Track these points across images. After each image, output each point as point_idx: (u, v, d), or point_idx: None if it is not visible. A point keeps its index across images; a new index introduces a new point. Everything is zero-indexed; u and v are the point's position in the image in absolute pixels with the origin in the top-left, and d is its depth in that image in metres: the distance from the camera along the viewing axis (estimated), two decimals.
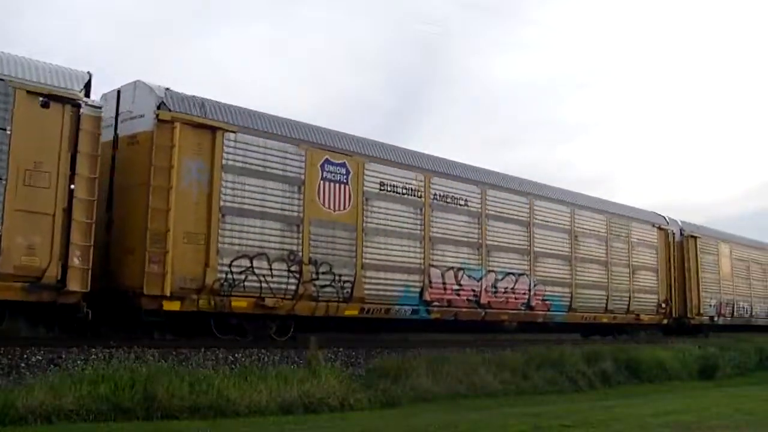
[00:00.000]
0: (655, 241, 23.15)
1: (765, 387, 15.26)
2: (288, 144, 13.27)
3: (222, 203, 12.17)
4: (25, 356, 9.93)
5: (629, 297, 21.43)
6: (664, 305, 23.17)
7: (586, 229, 20.21)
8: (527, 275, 17.96)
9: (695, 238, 25.28)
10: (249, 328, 12.85)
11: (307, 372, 10.84)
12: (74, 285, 10.32)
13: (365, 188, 14.46)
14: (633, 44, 74.10)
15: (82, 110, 10.68)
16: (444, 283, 15.77)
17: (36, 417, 7.81)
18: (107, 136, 11.86)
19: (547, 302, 18.56)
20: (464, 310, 16.28)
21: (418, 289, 15.21)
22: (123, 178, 11.86)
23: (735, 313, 27.30)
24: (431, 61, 68.04)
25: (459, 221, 16.36)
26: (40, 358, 9.99)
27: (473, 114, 69.94)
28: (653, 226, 23.24)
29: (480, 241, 16.73)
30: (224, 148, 12.28)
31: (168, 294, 11.26)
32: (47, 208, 10.21)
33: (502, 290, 17.21)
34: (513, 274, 17.56)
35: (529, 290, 17.97)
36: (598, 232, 20.71)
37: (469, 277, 16.35)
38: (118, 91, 12.35)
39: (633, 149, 78.87)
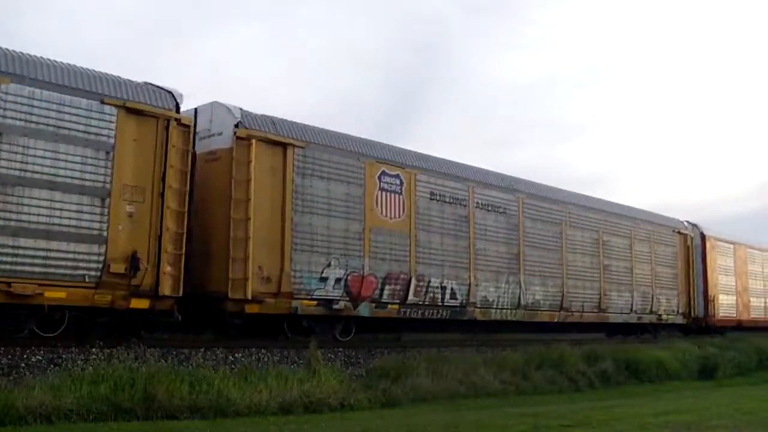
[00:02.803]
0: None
1: (765, 387, 15.28)
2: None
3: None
4: (25, 356, 9.93)
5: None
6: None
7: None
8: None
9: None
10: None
11: (307, 372, 10.84)
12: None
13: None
14: (633, 44, 74.15)
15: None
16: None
17: (36, 417, 7.80)
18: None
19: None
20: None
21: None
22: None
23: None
24: (431, 61, 68.09)
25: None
26: (40, 358, 9.99)
27: (473, 114, 69.97)
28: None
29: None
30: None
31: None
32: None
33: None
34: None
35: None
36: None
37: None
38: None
39: (633, 149, 78.91)
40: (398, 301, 14.75)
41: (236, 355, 11.84)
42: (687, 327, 24.61)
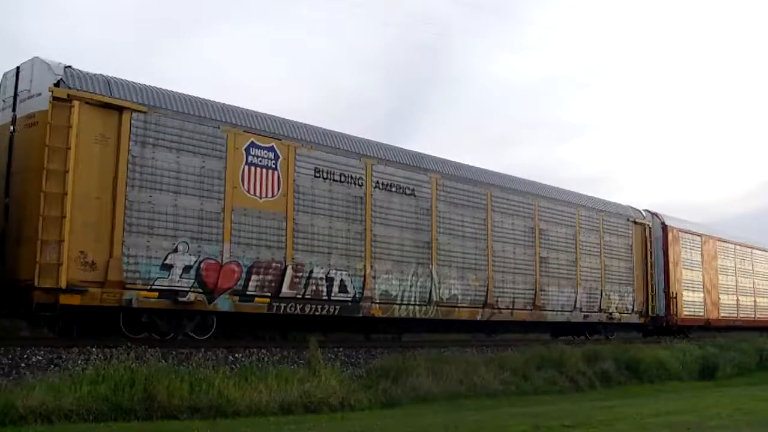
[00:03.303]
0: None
1: (765, 387, 15.25)
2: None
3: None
4: (25, 356, 9.93)
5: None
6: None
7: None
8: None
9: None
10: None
11: (307, 372, 10.84)
12: None
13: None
14: (633, 44, 74.13)
15: None
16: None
17: (36, 417, 7.80)
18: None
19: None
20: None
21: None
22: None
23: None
24: (431, 61, 68.05)
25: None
26: (40, 358, 9.99)
27: (473, 114, 69.95)
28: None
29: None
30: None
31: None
32: None
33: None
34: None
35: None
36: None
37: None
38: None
39: (633, 149, 78.92)
40: (269, 293, 12.80)
41: (236, 355, 11.84)
42: (645, 327, 22.74)
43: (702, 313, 24.98)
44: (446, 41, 67.72)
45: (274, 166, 13.15)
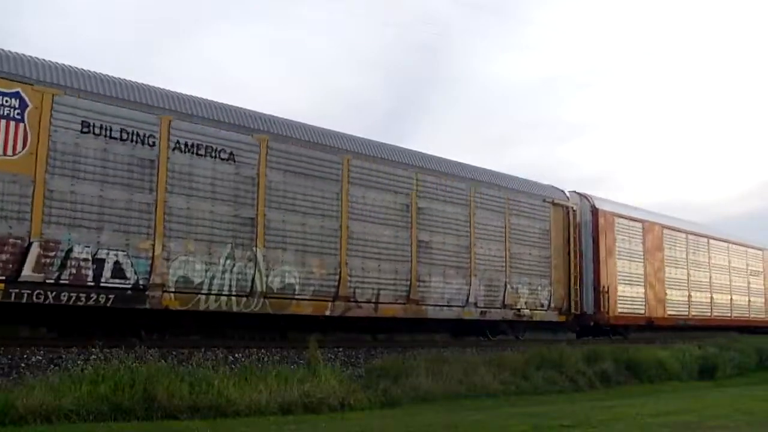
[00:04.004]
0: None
1: (765, 387, 15.25)
2: None
3: None
4: (25, 356, 9.94)
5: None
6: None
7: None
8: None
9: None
10: None
11: (307, 372, 10.85)
12: None
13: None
14: (633, 44, 74.10)
15: None
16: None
17: (36, 417, 7.80)
18: None
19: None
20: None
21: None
22: None
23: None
24: (431, 61, 68.04)
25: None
26: (40, 358, 10.00)
27: (473, 114, 69.90)
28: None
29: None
30: None
31: None
32: None
33: None
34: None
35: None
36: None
37: None
38: None
39: (633, 149, 78.93)
40: (2, 277, 10.23)
41: (236, 355, 11.86)
42: (567, 325, 19.79)
43: (643, 311, 21.77)
44: (446, 41, 67.78)
45: (19, 116, 10.57)
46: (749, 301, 28.55)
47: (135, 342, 11.01)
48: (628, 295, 21.34)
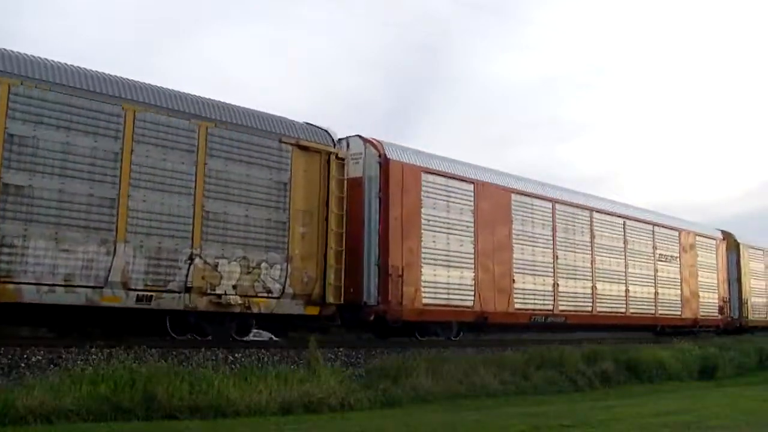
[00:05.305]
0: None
1: (765, 387, 15.26)
2: None
3: None
4: (25, 356, 9.94)
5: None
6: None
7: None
8: None
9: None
10: None
11: (307, 372, 10.85)
12: None
13: None
14: (633, 44, 74.12)
15: None
16: None
17: (36, 417, 7.80)
18: None
19: None
20: None
21: None
22: None
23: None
24: (431, 61, 68.04)
25: None
26: (40, 358, 10.00)
27: (473, 113, 69.91)
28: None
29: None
30: None
31: None
32: None
33: None
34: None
35: None
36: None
37: None
38: None
39: (633, 149, 78.89)
40: None
41: (236, 355, 11.85)
42: (325, 320, 13.89)
43: (471, 303, 15.99)
44: (446, 41, 67.78)
45: None
46: (656, 293, 22.65)
47: (135, 342, 11.00)
48: (441, 281, 15.37)
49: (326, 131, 14.24)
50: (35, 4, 55.62)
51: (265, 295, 12.70)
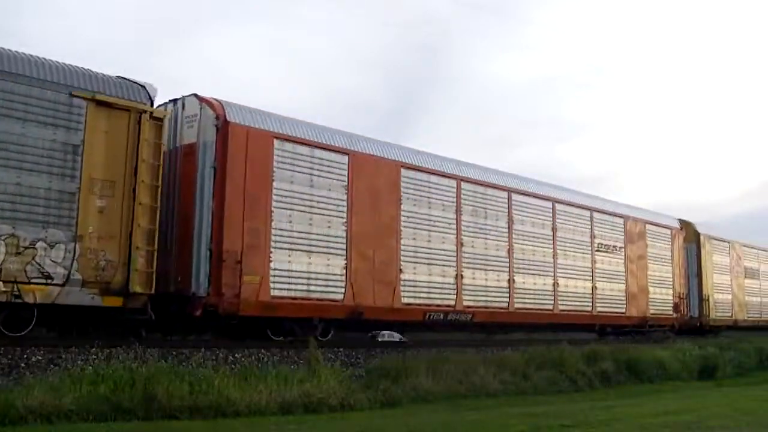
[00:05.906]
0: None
1: (765, 387, 15.27)
2: None
3: None
4: (25, 356, 9.93)
5: None
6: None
7: None
8: None
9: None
10: None
11: (307, 372, 10.85)
12: None
13: None
14: (633, 44, 74.14)
15: None
16: None
17: (36, 417, 7.81)
18: None
19: None
20: None
21: None
22: None
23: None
24: (431, 61, 68.04)
25: None
26: (40, 358, 9.99)
27: (473, 113, 69.92)
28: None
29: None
30: None
31: None
32: None
33: None
34: None
35: None
36: None
37: None
38: None
39: (633, 149, 78.85)
40: None
41: (236, 355, 11.84)
42: (133, 314, 10.99)
43: (341, 296, 13.62)
44: (446, 41, 67.76)
45: None
46: (594, 288, 20.09)
47: (135, 342, 10.99)
48: (299, 269, 13.03)
49: (142, 86, 11.63)
50: (35, 4, 55.67)
51: (43, 281, 10.19)
